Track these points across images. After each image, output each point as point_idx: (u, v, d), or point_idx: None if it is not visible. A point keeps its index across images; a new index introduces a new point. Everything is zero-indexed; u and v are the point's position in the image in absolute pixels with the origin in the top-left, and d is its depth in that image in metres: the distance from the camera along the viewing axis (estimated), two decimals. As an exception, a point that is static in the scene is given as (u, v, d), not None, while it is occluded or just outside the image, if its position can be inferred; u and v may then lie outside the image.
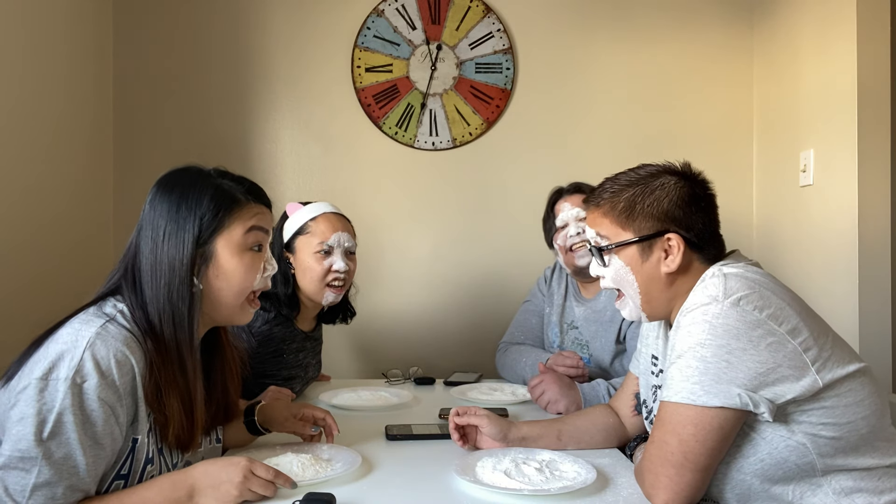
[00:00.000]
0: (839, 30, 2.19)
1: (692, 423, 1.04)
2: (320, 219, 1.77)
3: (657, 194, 1.17)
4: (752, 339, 1.03)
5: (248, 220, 1.15)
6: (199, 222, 1.10)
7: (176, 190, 1.12)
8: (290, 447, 1.31)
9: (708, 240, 1.19)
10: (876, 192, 2.11)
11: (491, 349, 2.19)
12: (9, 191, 1.95)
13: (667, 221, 1.17)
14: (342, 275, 1.75)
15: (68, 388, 0.95)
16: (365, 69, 2.65)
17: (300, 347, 1.81)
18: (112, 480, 1.02)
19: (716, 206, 1.22)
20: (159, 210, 1.11)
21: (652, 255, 1.18)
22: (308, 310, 1.82)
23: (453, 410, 1.38)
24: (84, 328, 1.00)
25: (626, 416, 1.43)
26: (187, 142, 2.61)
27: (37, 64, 2.10)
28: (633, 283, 1.20)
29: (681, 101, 2.72)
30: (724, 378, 1.03)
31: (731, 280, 1.08)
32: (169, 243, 1.09)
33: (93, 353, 0.97)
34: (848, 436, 1.06)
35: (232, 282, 1.14)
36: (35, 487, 0.93)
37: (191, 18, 2.63)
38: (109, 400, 0.98)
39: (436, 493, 1.14)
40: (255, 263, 1.16)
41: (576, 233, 1.89)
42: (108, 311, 1.06)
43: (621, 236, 1.20)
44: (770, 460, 1.07)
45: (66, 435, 0.95)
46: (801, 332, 1.05)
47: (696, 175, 1.22)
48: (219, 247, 1.12)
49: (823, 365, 1.05)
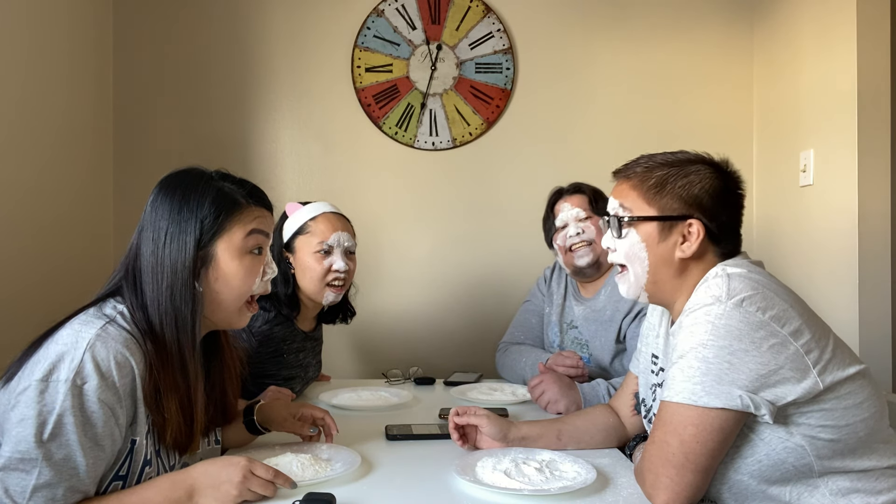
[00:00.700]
0: (839, 30, 2.19)
1: (693, 424, 1.04)
2: (320, 218, 1.77)
3: (690, 178, 1.17)
4: (754, 340, 1.03)
5: (249, 224, 1.15)
6: (200, 225, 1.10)
7: (178, 192, 1.12)
8: (290, 447, 1.31)
9: (727, 235, 1.19)
10: (876, 192, 2.11)
11: (491, 349, 2.19)
12: (9, 192, 1.95)
13: (693, 207, 1.16)
14: (342, 274, 1.75)
15: (68, 389, 0.95)
16: (365, 69, 2.65)
17: (300, 347, 1.81)
18: (110, 481, 1.02)
19: (742, 206, 1.23)
20: (161, 211, 1.11)
21: (670, 237, 1.17)
22: (308, 310, 1.82)
23: (453, 410, 1.38)
24: (84, 329, 1.00)
25: (625, 415, 1.43)
26: (187, 142, 2.61)
27: (37, 64, 2.10)
28: (644, 261, 1.19)
29: (681, 101, 2.72)
30: (725, 379, 1.02)
31: (735, 280, 1.08)
32: (171, 245, 1.09)
33: (93, 354, 0.97)
34: (846, 438, 1.06)
35: (231, 285, 1.14)
36: (35, 489, 0.93)
37: (191, 18, 2.63)
38: (109, 401, 0.98)
39: (436, 493, 1.14)
40: (254, 267, 1.16)
41: (575, 233, 1.89)
42: (108, 312, 1.05)
43: (645, 211, 1.19)
44: (767, 461, 1.07)
45: (66, 436, 0.95)
46: (803, 334, 1.05)
47: (732, 171, 1.22)
48: (219, 250, 1.12)
49: (825, 367, 1.05)
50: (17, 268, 1.99)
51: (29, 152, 2.05)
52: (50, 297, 2.10)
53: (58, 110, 2.23)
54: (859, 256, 2.11)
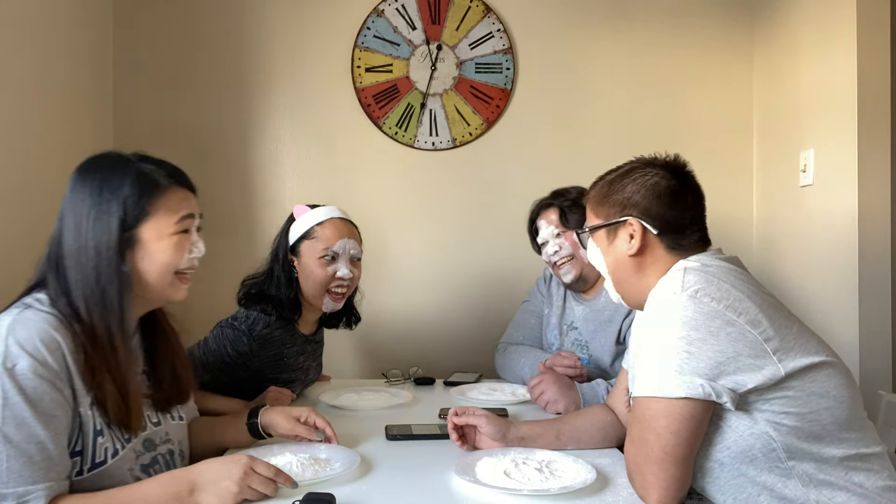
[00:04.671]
0: (839, 30, 2.19)
1: (663, 416, 1.06)
2: (327, 224, 1.75)
3: (625, 183, 1.25)
4: (711, 329, 1.05)
5: (179, 210, 1.15)
6: (122, 206, 1.11)
7: (97, 175, 1.13)
8: (290, 447, 1.31)
9: (675, 230, 1.22)
10: (876, 192, 2.11)
11: (491, 349, 2.19)
12: (8, 191, 1.95)
13: (629, 208, 1.24)
14: (346, 282, 1.74)
15: (2, 373, 0.97)
16: (365, 69, 2.65)
17: (301, 350, 1.80)
18: (70, 459, 1.04)
19: (695, 199, 1.26)
20: (80, 195, 1.12)
21: (617, 239, 1.25)
22: (309, 313, 1.81)
23: (452, 410, 1.38)
24: (2, 318, 1.03)
25: (622, 412, 1.44)
26: (187, 142, 2.60)
27: (37, 64, 2.10)
28: (603, 266, 1.29)
29: (681, 101, 2.72)
30: (686, 369, 1.05)
31: (689, 274, 1.12)
32: (93, 228, 1.10)
33: (15, 338, 1.00)
34: (809, 426, 1.08)
35: (158, 261, 1.14)
36: (10, 470, 0.96)
37: (191, 18, 2.63)
38: (46, 376, 1.00)
39: (436, 492, 1.14)
40: (182, 244, 1.16)
41: (553, 251, 1.92)
42: (26, 301, 1.08)
43: (593, 222, 1.30)
44: (736, 448, 1.10)
45: (19, 416, 0.97)
46: (760, 323, 1.07)
47: (678, 168, 1.26)
48: (145, 232, 1.13)
49: (786, 354, 1.07)
50: (16, 268, 1.98)
51: (28, 151, 2.05)
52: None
53: (58, 110, 2.22)
54: (859, 256, 2.11)
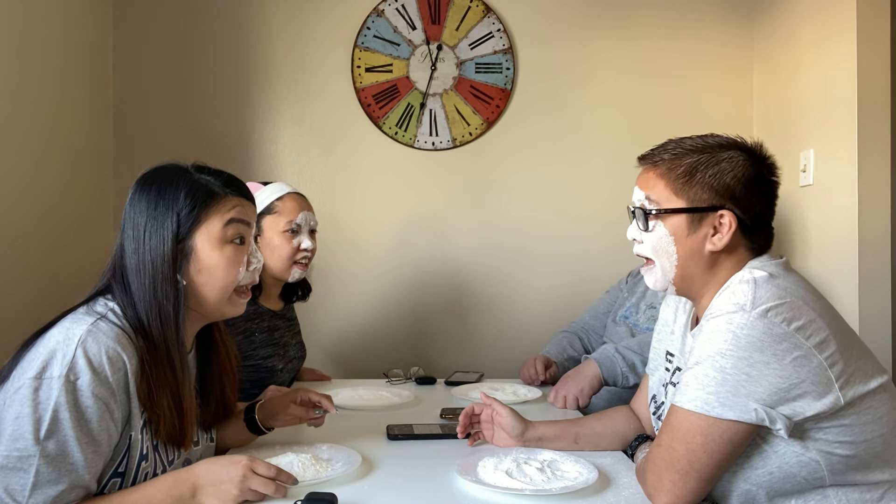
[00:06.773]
0: (839, 30, 2.19)
1: (702, 434, 1.01)
2: (287, 198, 1.82)
3: (722, 166, 1.10)
4: (776, 352, 0.98)
5: (227, 213, 1.14)
6: (176, 218, 1.10)
7: (154, 187, 1.12)
8: (290, 447, 1.30)
9: (760, 227, 1.13)
10: (876, 192, 2.11)
11: (491, 349, 2.19)
12: (8, 191, 1.95)
13: (724, 197, 1.10)
14: (309, 253, 1.82)
15: (62, 385, 0.95)
16: (365, 69, 2.65)
17: (272, 326, 1.84)
18: (109, 478, 1.02)
19: (776, 196, 1.16)
20: (138, 208, 1.11)
21: (700, 230, 1.11)
22: (270, 287, 1.86)
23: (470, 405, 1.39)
24: (75, 326, 1.01)
25: (645, 417, 1.39)
26: (187, 142, 2.60)
27: (36, 63, 2.10)
28: (672, 255, 1.13)
29: (681, 100, 2.72)
30: (741, 391, 0.98)
31: (762, 288, 1.03)
32: (150, 241, 1.09)
33: (84, 350, 0.98)
34: (862, 454, 1.03)
35: (215, 276, 1.13)
36: (35, 486, 0.93)
37: (191, 18, 2.63)
38: (103, 396, 0.98)
39: (437, 492, 1.14)
40: (237, 256, 1.15)
41: None
42: (98, 309, 1.06)
43: (672, 203, 1.12)
44: (779, 474, 1.05)
45: (62, 433, 0.95)
46: (829, 346, 1.00)
47: (767, 157, 1.15)
48: (198, 241, 1.12)
49: (847, 381, 1.01)
50: (15, 268, 1.98)
51: (28, 150, 2.05)
52: (49, 296, 2.09)
53: (58, 110, 2.22)
54: (859, 256, 2.11)
